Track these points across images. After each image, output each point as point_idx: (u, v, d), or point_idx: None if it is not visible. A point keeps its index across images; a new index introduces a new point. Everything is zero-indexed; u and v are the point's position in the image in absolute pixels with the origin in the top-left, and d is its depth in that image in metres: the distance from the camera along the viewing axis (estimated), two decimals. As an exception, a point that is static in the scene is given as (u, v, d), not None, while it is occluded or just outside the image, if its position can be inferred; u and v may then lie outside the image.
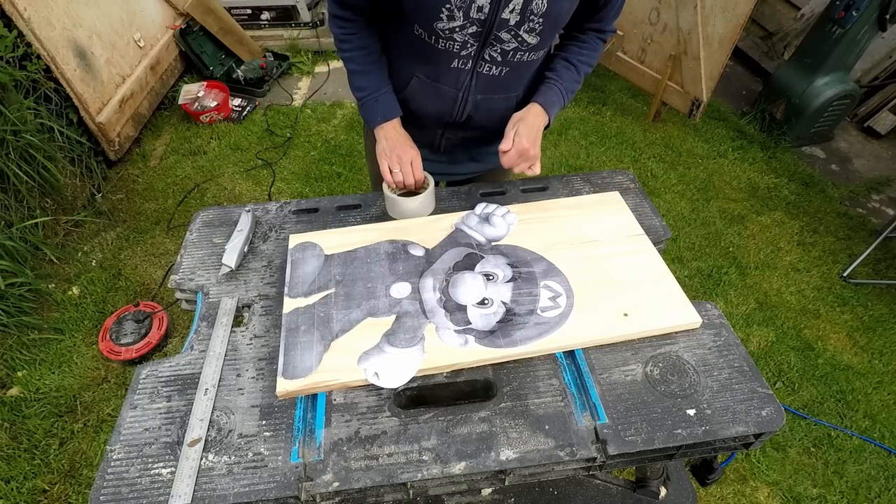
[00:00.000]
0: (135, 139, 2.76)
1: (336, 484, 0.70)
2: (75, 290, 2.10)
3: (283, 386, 0.78)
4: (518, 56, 0.99)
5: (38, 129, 2.12)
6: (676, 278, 0.93)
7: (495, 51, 0.97)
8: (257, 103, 3.11)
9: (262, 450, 0.73)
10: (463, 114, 1.09)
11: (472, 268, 0.96)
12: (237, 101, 3.08)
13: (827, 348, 2.05)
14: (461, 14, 0.90)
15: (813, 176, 2.85)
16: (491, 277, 0.94)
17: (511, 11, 0.90)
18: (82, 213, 2.36)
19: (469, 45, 0.96)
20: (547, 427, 0.75)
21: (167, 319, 1.95)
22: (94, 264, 2.21)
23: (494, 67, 1.01)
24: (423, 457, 0.72)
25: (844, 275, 2.31)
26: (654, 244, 1.00)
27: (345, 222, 1.09)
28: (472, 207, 1.07)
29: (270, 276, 0.98)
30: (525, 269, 0.96)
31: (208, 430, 0.75)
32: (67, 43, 2.27)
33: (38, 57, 2.13)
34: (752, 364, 0.83)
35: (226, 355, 0.85)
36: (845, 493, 1.65)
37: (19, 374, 1.82)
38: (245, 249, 1.02)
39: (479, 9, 0.89)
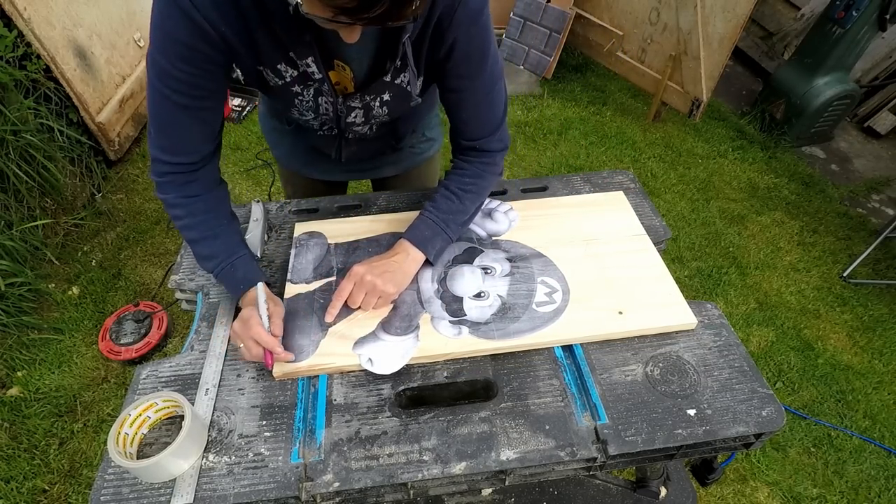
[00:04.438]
0: (135, 139, 2.76)
1: (336, 484, 0.70)
2: (75, 290, 2.10)
3: (280, 367, 0.80)
4: (377, 129, 0.98)
5: (38, 129, 2.12)
6: (676, 278, 0.94)
7: (352, 130, 0.96)
8: (257, 103, 3.11)
9: (262, 450, 0.73)
10: (342, 157, 1.06)
11: (471, 261, 0.97)
12: (237, 101, 3.08)
13: (827, 348, 2.05)
14: (311, 113, 0.88)
15: (813, 176, 2.86)
16: (489, 271, 0.95)
17: (354, 117, 0.90)
18: (82, 213, 2.36)
19: (328, 124, 0.95)
20: (547, 427, 0.75)
21: (167, 319, 1.95)
22: (94, 264, 2.21)
23: (360, 134, 0.99)
24: (424, 457, 0.72)
25: (844, 275, 2.31)
26: (655, 244, 1.00)
27: (345, 222, 1.09)
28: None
29: (271, 276, 0.98)
30: (523, 264, 0.96)
31: (209, 430, 0.75)
32: (67, 43, 2.27)
33: (38, 57, 2.13)
34: (752, 364, 0.83)
35: (226, 355, 0.85)
36: (845, 493, 1.65)
37: (19, 374, 1.82)
38: (265, 238, 1.04)
39: (326, 110, 0.87)
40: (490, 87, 0.87)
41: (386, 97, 0.87)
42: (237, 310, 0.88)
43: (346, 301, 0.86)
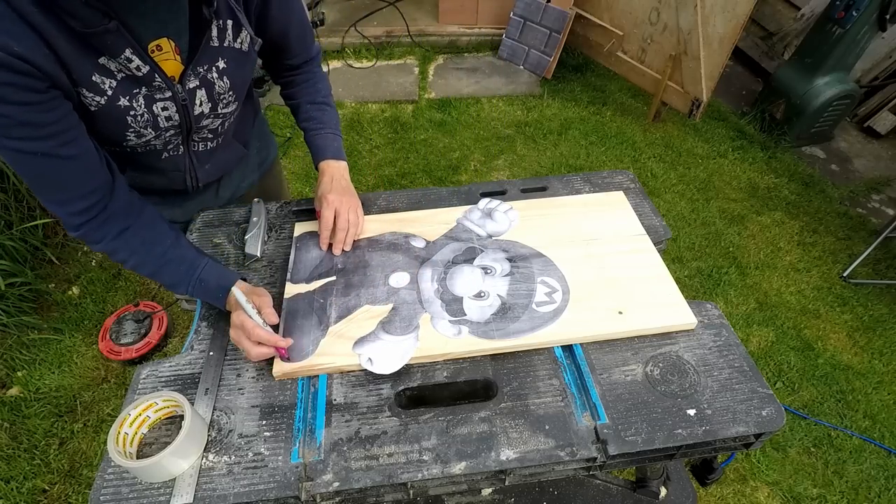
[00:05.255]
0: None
1: (336, 484, 0.70)
2: (75, 290, 2.10)
3: (280, 367, 0.80)
4: (227, 125, 0.94)
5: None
6: (676, 278, 0.94)
7: (202, 135, 0.90)
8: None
9: (262, 450, 0.73)
10: (198, 182, 0.99)
11: (471, 261, 0.97)
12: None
13: (827, 348, 2.05)
14: (149, 130, 0.79)
15: (813, 176, 2.86)
16: (489, 271, 0.95)
17: (200, 104, 0.83)
18: (82, 213, 2.36)
19: (172, 142, 0.87)
20: (547, 427, 0.75)
21: (167, 319, 1.95)
22: (93, 264, 2.22)
23: (210, 143, 0.94)
24: (424, 457, 0.72)
25: (844, 275, 2.31)
26: (655, 244, 1.00)
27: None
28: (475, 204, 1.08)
29: (271, 275, 0.98)
30: (523, 264, 0.96)
31: (209, 429, 0.75)
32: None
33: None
34: (752, 364, 0.83)
35: (226, 355, 0.85)
36: (845, 493, 1.65)
37: (19, 374, 1.82)
38: (265, 238, 1.04)
39: (167, 118, 0.80)
40: (301, 3, 0.95)
41: (222, 65, 0.81)
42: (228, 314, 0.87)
43: (334, 238, 0.97)
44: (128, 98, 0.73)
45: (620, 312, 0.87)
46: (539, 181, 1.17)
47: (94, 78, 0.69)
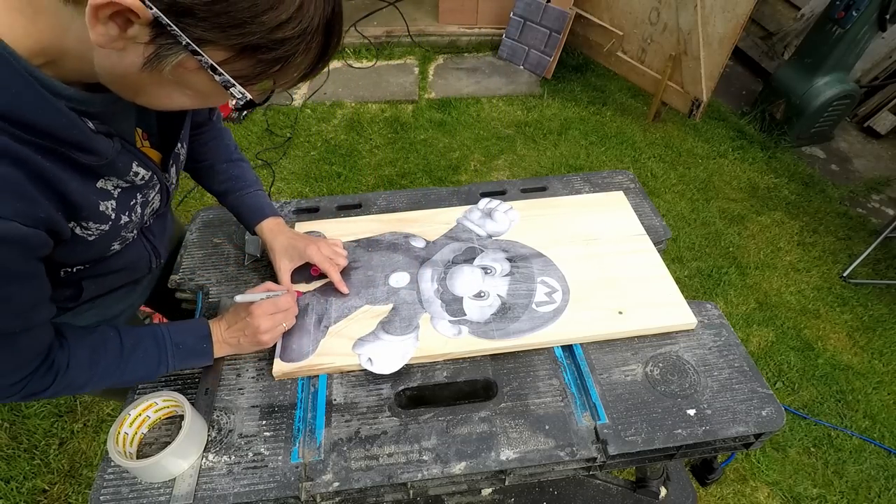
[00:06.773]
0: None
1: (336, 484, 0.70)
2: (75, 290, 2.10)
3: (280, 367, 0.80)
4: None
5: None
6: (676, 278, 0.94)
7: (158, 209, 0.79)
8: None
9: (262, 450, 0.73)
10: (160, 258, 0.86)
11: (471, 261, 0.97)
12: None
13: (827, 348, 2.05)
14: (134, 231, 0.71)
15: (813, 176, 2.85)
16: (489, 271, 0.95)
17: (173, 181, 0.77)
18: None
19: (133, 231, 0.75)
20: (547, 427, 0.75)
21: (167, 320, 1.95)
22: (94, 264, 2.21)
23: (158, 212, 0.80)
24: (424, 457, 0.72)
25: (844, 275, 2.31)
26: (655, 244, 1.00)
27: (345, 222, 1.09)
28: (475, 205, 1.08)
29: (271, 276, 0.98)
30: (523, 264, 0.96)
31: (209, 429, 0.75)
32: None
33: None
34: (752, 364, 0.83)
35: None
36: (845, 493, 1.65)
37: (19, 374, 1.82)
38: None
39: (152, 211, 0.73)
40: None
41: (183, 132, 0.76)
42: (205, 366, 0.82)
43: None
44: (127, 213, 0.66)
45: (620, 312, 0.87)
46: (539, 181, 1.17)
47: (100, 208, 0.61)
